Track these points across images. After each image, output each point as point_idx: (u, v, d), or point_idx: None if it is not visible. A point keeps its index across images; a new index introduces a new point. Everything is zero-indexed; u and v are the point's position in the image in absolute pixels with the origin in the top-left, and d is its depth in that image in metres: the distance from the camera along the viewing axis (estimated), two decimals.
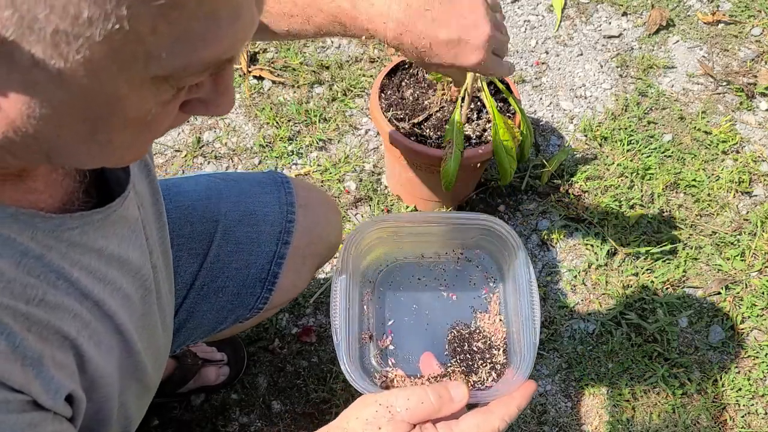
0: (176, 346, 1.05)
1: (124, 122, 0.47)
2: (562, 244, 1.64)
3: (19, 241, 0.54)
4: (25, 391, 0.53)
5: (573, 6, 2.04)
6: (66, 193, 0.61)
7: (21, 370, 0.52)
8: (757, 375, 1.49)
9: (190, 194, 1.03)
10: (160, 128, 0.52)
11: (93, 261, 0.62)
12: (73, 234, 0.59)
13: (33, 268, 0.55)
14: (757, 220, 1.66)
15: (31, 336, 0.54)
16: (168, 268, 0.84)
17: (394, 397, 0.67)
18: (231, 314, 1.06)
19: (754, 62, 1.94)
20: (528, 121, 1.48)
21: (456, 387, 0.69)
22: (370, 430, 0.66)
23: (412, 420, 0.66)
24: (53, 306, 0.56)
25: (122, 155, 0.54)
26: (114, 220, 0.64)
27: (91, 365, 0.61)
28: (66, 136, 0.47)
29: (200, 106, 0.52)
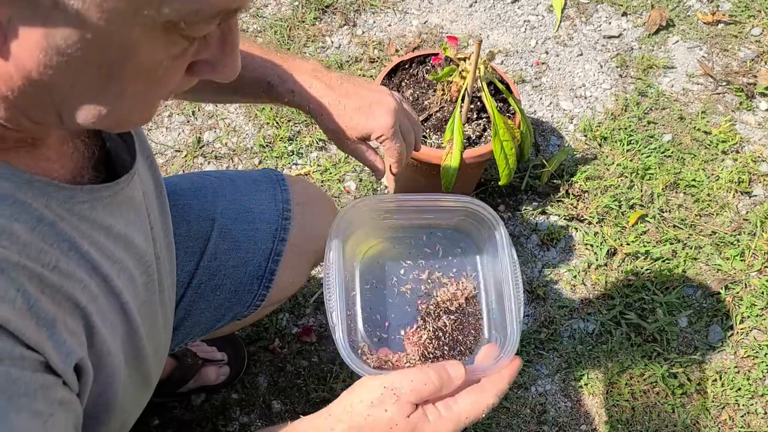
0: (175, 344, 1.05)
1: (136, 71, 0.49)
2: (562, 244, 1.64)
3: (34, 207, 0.55)
4: (40, 350, 0.53)
5: (573, 6, 2.04)
6: (76, 167, 0.63)
7: (36, 329, 0.53)
8: (756, 375, 1.49)
9: (185, 193, 1.04)
10: (168, 85, 0.53)
11: (102, 238, 0.63)
12: (84, 208, 0.61)
13: (47, 235, 0.56)
14: (756, 220, 1.67)
15: (45, 298, 0.55)
16: (171, 264, 0.85)
17: (398, 380, 0.69)
18: (229, 312, 1.06)
19: (754, 62, 1.94)
20: (528, 121, 1.48)
21: (454, 367, 0.72)
22: (377, 413, 0.68)
23: (415, 400, 0.69)
24: (66, 274, 0.57)
25: (130, 114, 0.55)
26: (121, 200, 0.66)
27: (99, 338, 0.62)
28: (80, 87, 0.49)
29: (207, 68, 0.54)
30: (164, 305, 0.81)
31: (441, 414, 0.70)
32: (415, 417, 0.69)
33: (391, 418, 0.68)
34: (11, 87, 0.49)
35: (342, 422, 0.68)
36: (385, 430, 0.68)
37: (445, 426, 0.70)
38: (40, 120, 0.53)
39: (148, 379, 0.80)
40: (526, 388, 1.47)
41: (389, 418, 0.68)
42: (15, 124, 0.53)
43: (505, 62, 1.93)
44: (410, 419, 0.68)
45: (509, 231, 1.65)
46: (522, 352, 1.49)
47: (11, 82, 0.48)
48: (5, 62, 0.47)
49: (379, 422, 0.68)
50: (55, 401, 0.55)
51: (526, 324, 1.54)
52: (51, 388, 0.55)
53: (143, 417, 0.89)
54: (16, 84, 0.48)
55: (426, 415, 0.70)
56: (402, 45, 1.93)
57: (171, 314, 0.87)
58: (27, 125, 0.54)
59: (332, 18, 1.98)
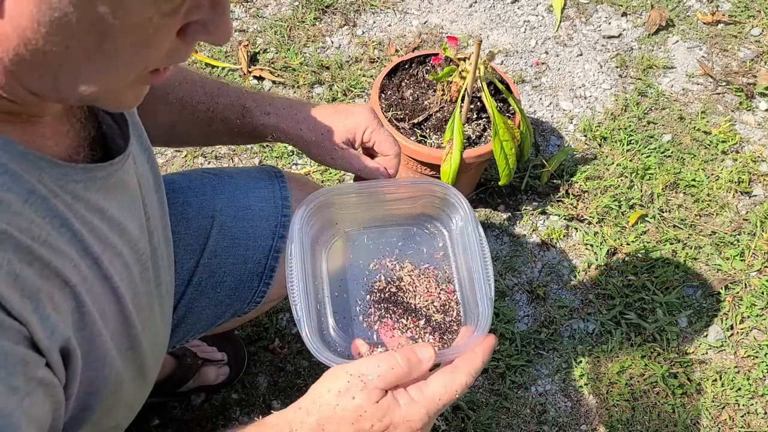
0: (176, 342, 1.05)
1: (127, 27, 0.49)
2: (562, 244, 1.64)
3: (26, 179, 0.55)
4: (23, 322, 0.53)
5: (573, 6, 2.04)
6: (71, 146, 0.63)
7: (20, 300, 0.53)
8: (756, 375, 1.49)
9: (184, 191, 1.04)
10: (161, 47, 0.53)
11: (95, 219, 0.63)
12: (78, 187, 0.60)
13: (39, 209, 0.56)
14: (756, 220, 1.67)
15: (32, 271, 0.54)
16: (170, 259, 0.85)
17: (364, 366, 0.67)
18: (229, 309, 1.06)
19: (754, 62, 1.94)
20: (528, 121, 1.48)
21: (422, 349, 0.70)
22: (344, 401, 0.66)
23: (384, 386, 0.67)
24: (56, 249, 0.57)
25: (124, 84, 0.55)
26: (115, 183, 0.66)
27: (90, 318, 0.61)
28: (74, 48, 0.49)
29: (200, 30, 0.54)
30: (162, 299, 0.81)
31: (412, 398, 0.68)
32: (385, 402, 0.67)
33: (359, 405, 0.66)
34: (7, 48, 0.49)
35: (311, 414, 0.67)
36: (354, 418, 0.66)
37: (417, 410, 0.67)
38: (37, 90, 0.53)
39: (144, 374, 0.80)
40: (526, 388, 1.47)
41: (357, 406, 0.66)
42: (11, 93, 0.53)
43: (505, 62, 1.93)
44: (379, 405, 0.66)
45: (509, 231, 1.66)
46: (522, 352, 1.49)
47: (7, 42, 0.48)
48: (2, 20, 0.47)
49: (347, 411, 0.66)
50: (34, 379, 0.54)
51: (526, 324, 1.54)
52: (32, 365, 0.53)
53: (143, 416, 0.89)
54: (12, 44, 0.48)
55: (396, 399, 0.67)
56: (402, 45, 1.93)
57: (170, 310, 0.87)
58: (23, 96, 0.54)
59: (332, 18, 1.98)
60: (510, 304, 1.56)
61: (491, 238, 1.64)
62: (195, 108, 0.96)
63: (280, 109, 0.94)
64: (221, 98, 0.95)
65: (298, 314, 0.75)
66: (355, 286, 0.87)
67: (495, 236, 1.65)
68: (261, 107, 0.94)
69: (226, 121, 0.96)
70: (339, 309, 0.85)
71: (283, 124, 0.93)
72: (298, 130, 0.93)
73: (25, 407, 0.52)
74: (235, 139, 1.00)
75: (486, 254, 0.80)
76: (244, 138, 0.99)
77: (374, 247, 0.91)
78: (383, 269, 0.89)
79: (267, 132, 0.95)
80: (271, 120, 0.94)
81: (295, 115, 0.93)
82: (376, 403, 0.66)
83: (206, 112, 0.96)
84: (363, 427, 0.66)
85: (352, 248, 0.90)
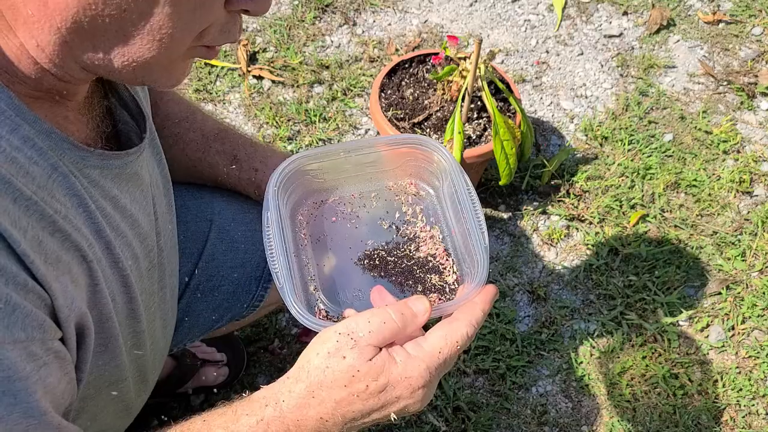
0: (174, 345, 1.05)
1: None
2: (562, 244, 1.63)
3: (50, 155, 0.56)
4: (46, 287, 0.52)
5: (573, 5, 2.04)
6: (89, 135, 0.64)
7: (44, 265, 0.53)
8: (758, 375, 1.49)
9: (182, 193, 1.03)
10: (211, 11, 0.54)
11: (108, 207, 0.64)
12: (94, 173, 0.61)
13: (61, 185, 0.57)
14: (757, 220, 1.66)
15: (54, 241, 0.55)
16: (175, 264, 0.84)
17: (353, 323, 0.62)
18: (227, 312, 1.05)
19: (755, 62, 1.93)
20: (528, 120, 1.48)
21: (416, 302, 0.65)
22: (334, 362, 0.60)
23: (377, 342, 0.61)
24: (75, 226, 0.58)
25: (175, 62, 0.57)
26: (129, 175, 0.67)
27: (102, 298, 0.61)
28: (131, 11, 0.50)
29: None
30: (165, 304, 0.80)
31: (410, 353, 0.62)
32: (379, 360, 0.60)
33: (350, 365, 0.60)
34: (65, 17, 0.50)
35: (300, 381, 0.61)
36: (347, 379, 0.60)
37: (416, 365, 0.61)
38: (90, 61, 0.54)
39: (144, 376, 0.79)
40: (527, 389, 1.46)
41: (349, 365, 0.60)
42: (62, 68, 0.55)
43: (506, 61, 1.92)
44: (373, 362, 0.60)
45: (510, 231, 1.65)
46: (523, 353, 1.49)
47: (67, 10, 0.49)
48: None
49: (338, 372, 0.60)
50: (51, 350, 0.53)
51: (527, 325, 1.54)
52: (48, 332, 0.53)
53: (142, 417, 0.88)
54: (71, 12, 0.49)
55: (392, 356, 0.61)
56: (402, 44, 1.92)
57: (172, 318, 0.87)
58: (74, 71, 0.55)
59: (332, 17, 1.97)
60: (511, 304, 1.55)
61: (492, 238, 1.64)
62: (187, 147, 0.95)
63: (270, 168, 0.86)
64: (216, 143, 0.93)
65: (280, 282, 0.69)
66: (342, 255, 0.81)
67: (496, 236, 1.65)
68: (251, 161, 0.89)
69: (213, 167, 0.94)
70: (327, 279, 0.79)
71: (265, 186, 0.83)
72: None
73: (42, 375, 0.51)
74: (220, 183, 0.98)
75: (476, 203, 0.75)
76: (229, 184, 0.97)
77: (359, 212, 0.84)
78: (371, 234, 0.83)
79: (248, 188, 0.91)
80: (257, 176, 0.90)
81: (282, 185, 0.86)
82: (369, 361, 0.60)
83: (195, 153, 0.95)
84: (357, 389, 0.60)
85: (337, 214, 0.84)
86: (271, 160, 0.93)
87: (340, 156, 0.81)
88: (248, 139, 0.96)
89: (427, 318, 0.65)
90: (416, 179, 0.86)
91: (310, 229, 0.82)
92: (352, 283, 0.79)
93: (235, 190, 0.99)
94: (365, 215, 0.84)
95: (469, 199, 0.75)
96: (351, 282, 0.79)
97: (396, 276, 0.80)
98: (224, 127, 0.97)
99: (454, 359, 0.64)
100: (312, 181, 0.82)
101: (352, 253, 0.81)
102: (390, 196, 0.86)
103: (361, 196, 0.85)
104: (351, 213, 0.84)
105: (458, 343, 0.63)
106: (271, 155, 0.94)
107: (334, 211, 0.84)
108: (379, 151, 0.83)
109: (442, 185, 0.83)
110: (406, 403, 0.62)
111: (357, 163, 0.83)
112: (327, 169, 0.82)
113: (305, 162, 0.79)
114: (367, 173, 0.85)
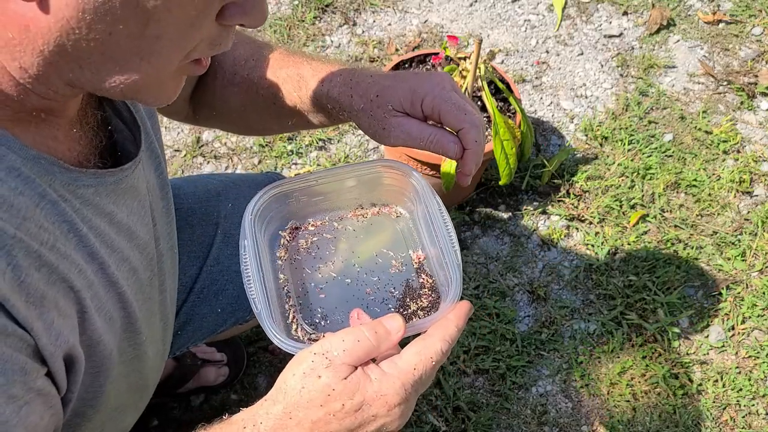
0: (176, 349, 1.05)
1: (169, 9, 0.49)
2: (562, 244, 1.63)
3: (38, 183, 0.55)
4: (27, 327, 0.52)
5: (573, 5, 2.04)
6: (83, 151, 0.63)
7: (25, 305, 0.52)
8: (758, 375, 1.49)
9: (189, 197, 1.03)
10: (201, 30, 0.53)
11: (103, 224, 0.63)
12: (88, 192, 0.60)
13: (49, 213, 0.56)
14: (757, 220, 1.66)
15: (38, 276, 0.54)
16: (174, 268, 0.84)
17: (328, 343, 0.62)
18: (231, 316, 1.06)
19: (755, 62, 1.93)
20: (528, 120, 1.48)
21: (390, 320, 0.65)
22: (310, 383, 0.60)
23: (351, 361, 0.61)
24: (63, 255, 0.57)
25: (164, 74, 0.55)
26: (125, 189, 0.66)
27: (91, 325, 0.61)
28: (118, 35, 0.49)
29: (237, 11, 0.54)
30: (164, 306, 0.80)
31: (384, 371, 0.62)
32: (354, 378, 0.61)
33: (326, 384, 0.60)
34: (47, 41, 0.49)
35: (277, 403, 0.61)
36: (323, 399, 0.60)
37: (392, 383, 0.61)
38: (76, 80, 0.53)
39: (145, 383, 0.79)
40: (527, 389, 1.46)
41: (324, 385, 0.60)
42: (46, 86, 0.53)
43: (506, 61, 1.92)
44: (348, 382, 0.60)
45: (510, 231, 1.65)
46: (523, 353, 1.49)
47: (49, 35, 0.48)
48: (46, 16, 0.47)
49: (314, 392, 0.60)
50: (33, 389, 0.53)
51: (527, 325, 1.54)
52: (30, 374, 0.53)
53: (142, 417, 0.88)
54: (53, 36, 0.48)
55: (367, 374, 0.61)
56: (402, 44, 1.92)
57: (172, 319, 0.87)
58: (60, 88, 0.54)
59: (332, 17, 1.97)
60: (511, 304, 1.55)
61: (492, 238, 1.64)
62: (258, 85, 0.87)
63: (336, 75, 0.80)
64: (282, 70, 0.84)
65: (257, 308, 0.70)
66: (320, 278, 0.82)
67: (495, 236, 1.65)
68: (317, 74, 0.81)
69: (288, 96, 0.85)
70: (306, 306, 0.81)
71: (335, 91, 0.80)
72: (348, 97, 0.79)
73: (22, 416, 0.52)
74: (305, 118, 0.87)
75: (447, 222, 0.75)
76: (311, 116, 0.85)
77: (337, 235, 0.85)
78: (349, 257, 0.84)
79: (323, 102, 0.81)
80: (324, 88, 0.80)
81: (349, 81, 0.79)
82: (344, 380, 0.60)
83: (268, 89, 0.86)
84: (333, 408, 0.60)
85: (314, 239, 0.85)
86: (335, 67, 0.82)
87: (315, 182, 0.82)
88: (313, 55, 0.86)
89: (401, 336, 0.65)
90: (392, 202, 0.87)
91: (288, 254, 0.84)
92: (330, 305, 0.80)
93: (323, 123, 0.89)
94: (342, 239, 0.85)
95: (442, 220, 0.76)
96: (329, 304, 0.80)
97: (374, 297, 0.81)
98: (288, 50, 0.88)
99: (431, 376, 0.64)
100: (289, 207, 0.84)
101: (330, 277, 0.83)
102: (366, 219, 0.87)
103: (338, 219, 0.87)
104: (329, 237, 0.86)
105: (433, 359, 0.63)
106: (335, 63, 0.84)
107: (312, 236, 0.86)
108: (354, 177, 0.83)
109: (416, 208, 0.85)
110: (383, 422, 0.62)
111: (333, 189, 0.84)
112: (303, 195, 0.83)
113: (281, 189, 0.80)
114: (344, 198, 0.86)
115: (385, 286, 0.82)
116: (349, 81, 0.79)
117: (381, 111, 0.76)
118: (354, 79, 0.79)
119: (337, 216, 0.87)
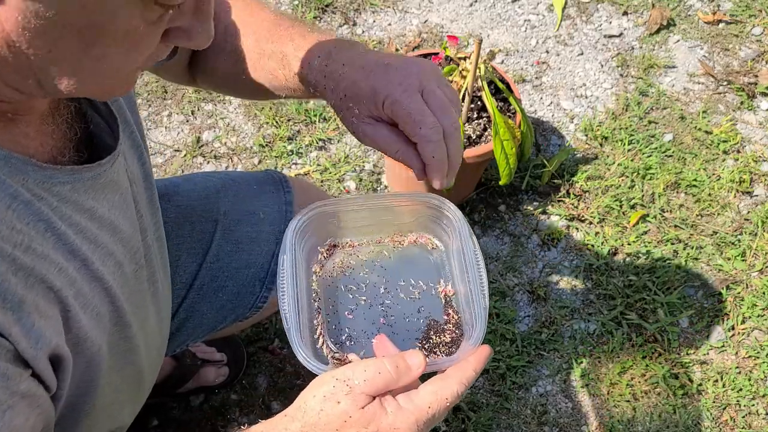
0: (176, 346, 1.05)
1: (114, 36, 0.49)
2: (562, 244, 1.63)
3: (9, 183, 0.54)
4: (6, 335, 0.52)
5: (573, 5, 2.04)
6: (56, 146, 0.62)
7: (1, 312, 0.52)
8: (758, 375, 1.49)
9: (188, 194, 1.03)
10: (145, 51, 0.53)
11: (83, 220, 0.62)
12: (64, 189, 0.60)
13: (22, 214, 0.55)
14: (757, 220, 1.66)
15: (15, 280, 0.54)
16: (164, 258, 0.84)
17: (350, 371, 0.65)
18: (231, 313, 1.06)
19: (755, 62, 1.93)
20: (528, 120, 1.48)
21: (412, 356, 0.67)
22: (329, 406, 0.63)
23: (370, 391, 0.64)
24: (40, 255, 0.56)
25: (110, 82, 0.55)
26: (104, 183, 0.65)
27: (75, 323, 0.61)
28: (59, 51, 0.49)
29: (181, 35, 0.54)
30: (157, 299, 0.80)
31: (400, 405, 0.65)
32: (371, 408, 0.64)
33: (344, 410, 0.63)
34: None
35: (296, 420, 0.64)
36: (339, 424, 0.63)
37: (406, 417, 0.64)
38: (19, 86, 0.53)
39: (141, 376, 0.79)
40: (527, 389, 1.46)
41: (342, 411, 0.63)
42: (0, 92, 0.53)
43: (506, 61, 1.92)
44: (365, 411, 0.63)
45: (510, 231, 1.65)
46: (523, 353, 1.49)
47: None
48: None
49: (332, 416, 0.63)
50: (16, 393, 0.53)
51: (527, 325, 1.53)
52: (12, 379, 0.53)
53: (142, 417, 0.88)
54: None
55: (383, 406, 0.64)
56: (402, 44, 1.92)
57: (167, 310, 0.87)
58: (9, 94, 0.53)
59: (332, 17, 1.97)
60: (511, 304, 1.55)
61: (492, 238, 1.64)
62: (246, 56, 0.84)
63: (315, 56, 0.75)
64: (268, 45, 0.81)
65: (288, 323, 0.74)
66: (351, 300, 0.85)
67: (495, 236, 1.65)
68: (298, 53, 0.77)
69: (274, 73, 0.81)
70: (334, 324, 0.84)
71: (312, 77, 0.76)
72: (323, 87, 0.75)
73: (6, 420, 0.52)
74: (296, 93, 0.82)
75: (480, 265, 0.78)
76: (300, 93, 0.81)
77: (372, 262, 0.88)
78: (380, 282, 0.87)
79: (305, 85, 0.77)
80: (303, 71, 0.76)
81: (324, 68, 0.74)
82: (361, 409, 0.63)
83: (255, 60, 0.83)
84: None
85: (350, 262, 0.88)
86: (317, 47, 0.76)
87: (357, 204, 0.86)
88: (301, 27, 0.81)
89: (421, 372, 0.67)
90: (428, 233, 0.89)
91: (323, 271, 0.87)
92: (356, 326, 0.83)
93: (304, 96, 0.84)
94: (377, 263, 0.88)
95: (475, 260, 0.78)
96: (356, 325, 0.83)
97: (399, 324, 0.83)
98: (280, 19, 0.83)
99: (443, 415, 0.67)
100: (330, 225, 0.86)
101: (360, 298, 0.85)
102: (402, 248, 0.90)
103: (375, 243, 0.90)
104: (364, 259, 0.88)
105: (448, 401, 0.66)
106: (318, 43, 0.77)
107: (348, 256, 0.88)
108: (397, 205, 0.86)
109: (451, 242, 0.86)
110: None
111: (375, 214, 0.87)
112: (345, 216, 0.86)
113: (326, 209, 0.83)
114: (382, 222, 0.89)
115: (411, 315, 0.84)
116: (324, 68, 0.74)
117: (350, 114, 0.74)
118: (329, 66, 0.74)
119: (375, 239, 0.89)
